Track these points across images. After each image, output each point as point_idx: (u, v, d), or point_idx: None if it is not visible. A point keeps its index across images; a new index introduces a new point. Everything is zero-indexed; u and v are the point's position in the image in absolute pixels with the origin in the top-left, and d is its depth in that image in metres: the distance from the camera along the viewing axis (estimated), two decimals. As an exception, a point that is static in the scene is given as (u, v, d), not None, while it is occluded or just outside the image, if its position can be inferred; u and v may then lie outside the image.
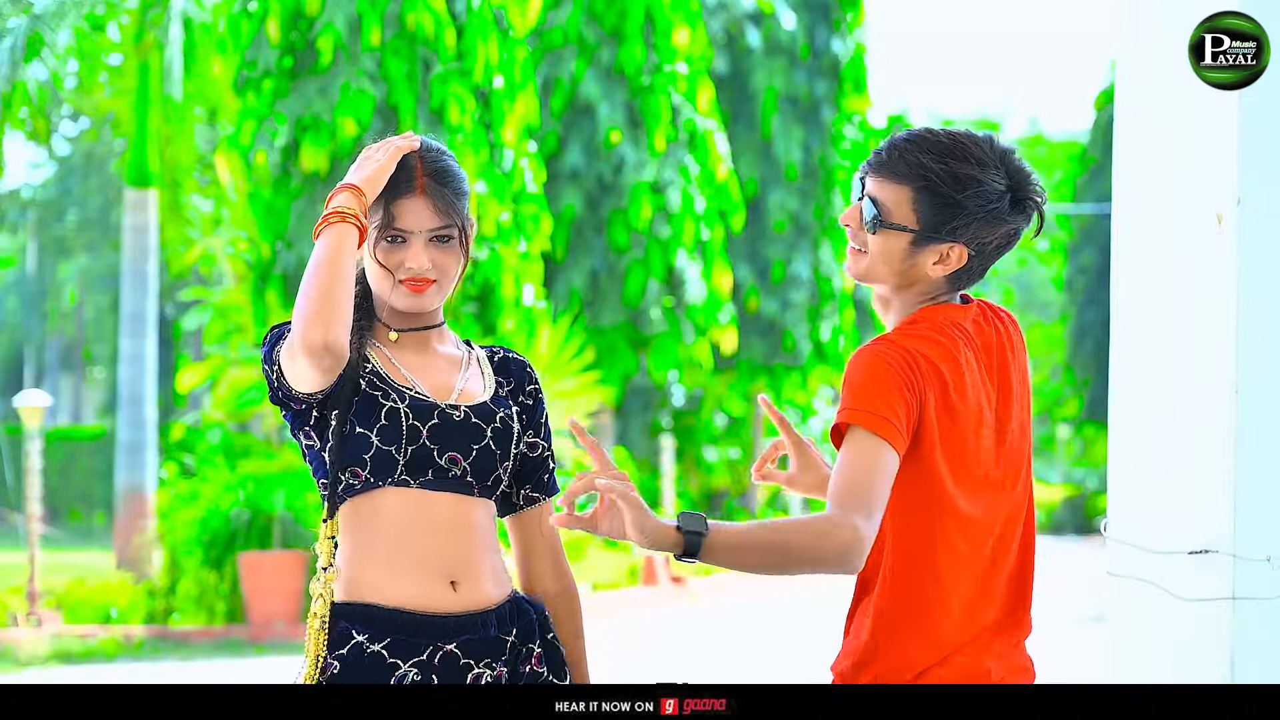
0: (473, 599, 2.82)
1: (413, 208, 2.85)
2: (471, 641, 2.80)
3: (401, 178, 2.85)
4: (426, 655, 2.78)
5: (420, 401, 2.84)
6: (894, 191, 2.76)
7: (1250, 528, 3.41)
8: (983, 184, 2.74)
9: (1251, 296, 3.44)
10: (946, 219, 2.74)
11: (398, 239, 2.85)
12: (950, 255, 2.77)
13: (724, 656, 13.42)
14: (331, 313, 2.70)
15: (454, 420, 2.84)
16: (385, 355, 2.89)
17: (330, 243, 2.76)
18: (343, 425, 2.81)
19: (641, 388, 25.23)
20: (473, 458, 2.84)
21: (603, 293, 21.24)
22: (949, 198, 2.74)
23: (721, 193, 21.92)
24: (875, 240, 2.78)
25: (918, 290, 2.82)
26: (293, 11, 16.10)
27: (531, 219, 17.18)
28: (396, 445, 2.80)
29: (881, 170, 2.78)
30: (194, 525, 15.10)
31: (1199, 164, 3.53)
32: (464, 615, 2.81)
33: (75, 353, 38.32)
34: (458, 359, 2.95)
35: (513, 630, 2.84)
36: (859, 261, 2.83)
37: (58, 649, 13.68)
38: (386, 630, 2.78)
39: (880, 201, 2.77)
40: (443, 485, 2.82)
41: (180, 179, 22.71)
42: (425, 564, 2.80)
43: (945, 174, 2.74)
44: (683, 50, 21.36)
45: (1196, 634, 3.42)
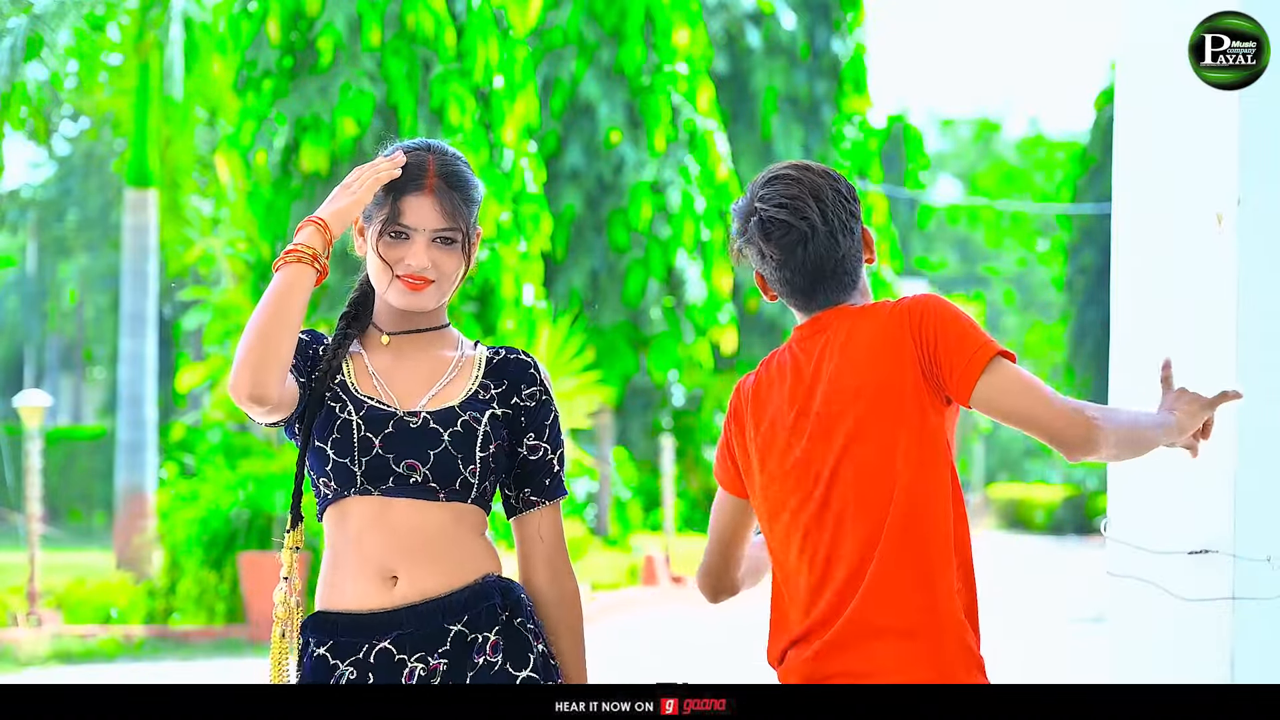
0: (411, 592, 2.81)
1: (419, 206, 2.85)
2: (404, 636, 2.80)
3: (412, 174, 2.85)
4: (362, 653, 2.80)
5: (377, 410, 2.84)
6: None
7: (1250, 528, 3.41)
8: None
9: (1251, 296, 3.44)
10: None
11: (401, 235, 2.85)
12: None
13: (724, 656, 13.41)
14: (262, 363, 2.69)
15: (410, 428, 2.83)
16: (363, 362, 2.90)
17: (282, 282, 2.75)
18: (307, 438, 2.85)
19: (641, 388, 25.22)
20: (431, 464, 2.83)
21: (603, 293, 21.23)
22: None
23: (721, 193, 21.92)
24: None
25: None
26: (293, 11, 16.10)
27: (531, 219, 17.18)
28: (350, 457, 2.81)
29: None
30: (194, 525, 15.10)
31: (1199, 164, 3.53)
32: (400, 610, 2.81)
33: (75, 353, 38.31)
34: (448, 362, 2.93)
35: (461, 618, 2.81)
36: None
37: (58, 649, 13.67)
38: (330, 634, 2.82)
39: None
40: (404, 492, 2.83)
41: (180, 179, 22.70)
42: (367, 564, 2.82)
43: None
44: (683, 50, 21.36)
45: (1196, 634, 3.42)
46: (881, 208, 27.33)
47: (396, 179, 2.85)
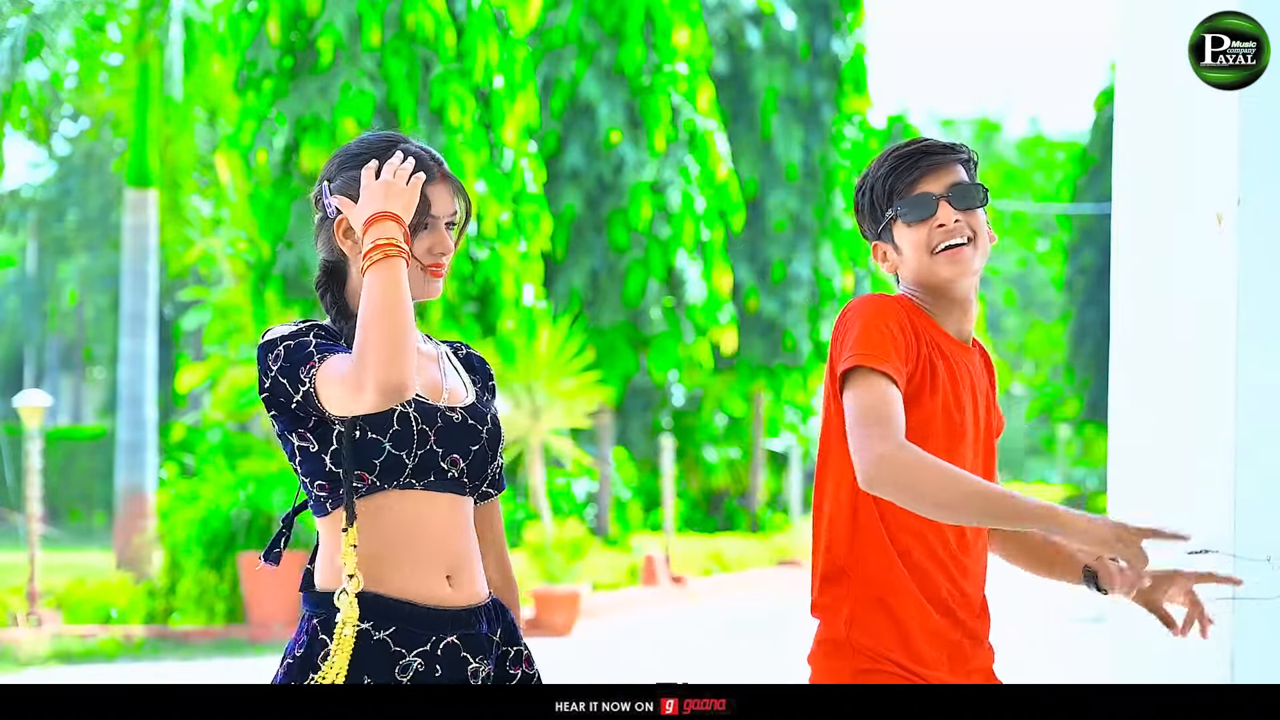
0: (467, 595, 2.86)
1: (439, 193, 2.89)
2: (468, 636, 2.84)
3: (425, 164, 2.88)
4: (430, 645, 2.80)
5: (424, 405, 2.86)
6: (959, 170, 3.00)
7: (1250, 528, 3.41)
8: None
9: (1251, 296, 3.44)
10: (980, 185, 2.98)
11: (425, 225, 2.88)
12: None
13: (724, 656, 13.42)
14: (405, 354, 2.70)
15: (454, 422, 2.87)
16: None
17: (388, 279, 2.74)
18: (353, 430, 2.81)
19: (641, 388, 25.22)
20: (470, 459, 2.88)
21: (603, 293, 21.23)
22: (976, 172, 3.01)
23: (721, 193, 21.92)
24: (977, 218, 2.98)
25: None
26: (293, 11, 16.10)
27: (531, 219, 17.18)
28: (408, 450, 2.82)
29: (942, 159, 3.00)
30: (194, 525, 15.10)
31: (1199, 164, 3.53)
32: (460, 610, 2.84)
33: (75, 353, 38.31)
34: (434, 356, 2.97)
35: (498, 630, 2.90)
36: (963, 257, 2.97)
37: (58, 649, 13.67)
38: (390, 619, 2.79)
39: (961, 181, 2.99)
40: (442, 486, 2.85)
41: (180, 179, 22.71)
42: (426, 559, 2.83)
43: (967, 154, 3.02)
44: (683, 50, 21.35)
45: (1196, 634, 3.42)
46: (881, 208, 27.31)
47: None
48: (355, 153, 2.91)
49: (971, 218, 2.94)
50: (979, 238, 2.94)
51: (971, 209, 2.93)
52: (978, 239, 2.94)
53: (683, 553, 21.15)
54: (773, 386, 25.91)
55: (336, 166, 2.91)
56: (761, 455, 27.21)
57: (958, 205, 2.93)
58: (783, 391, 26.27)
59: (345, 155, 2.92)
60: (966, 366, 2.98)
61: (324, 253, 2.93)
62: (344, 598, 2.81)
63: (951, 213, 2.93)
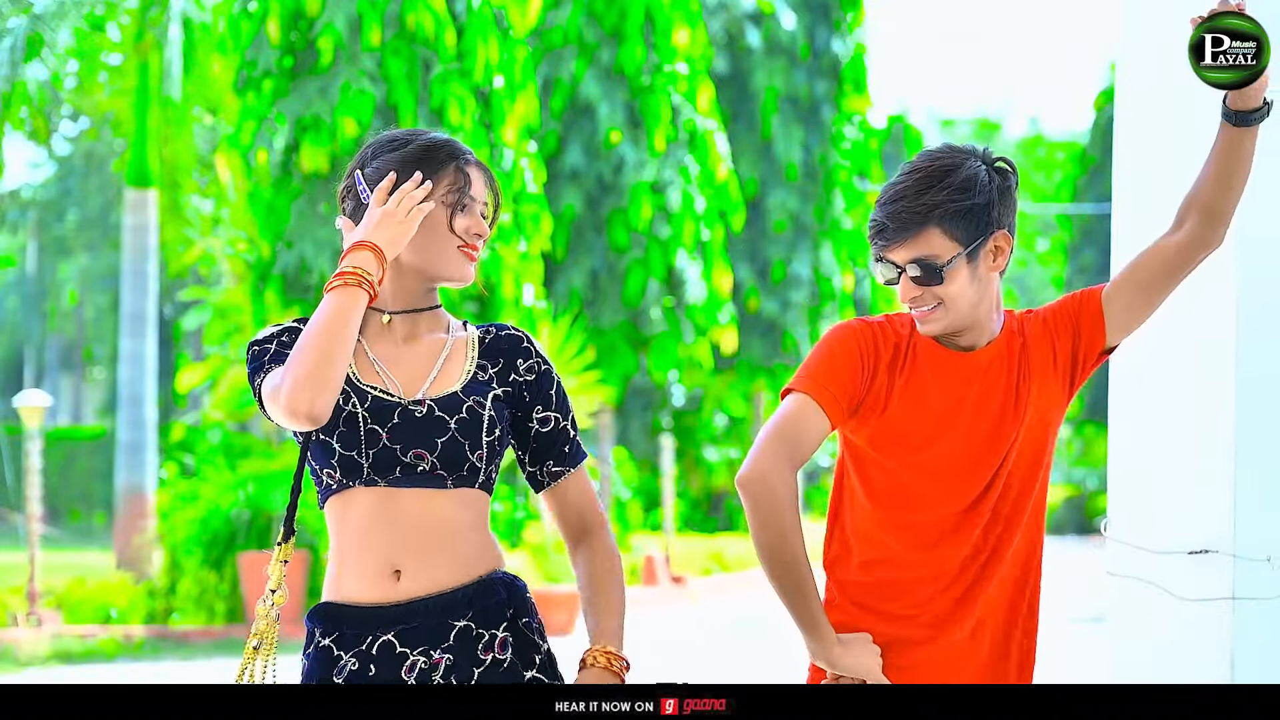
0: (417, 587, 2.81)
1: (476, 177, 2.91)
2: (408, 630, 2.80)
3: (459, 149, 2.90)
4: (365, 645, 2.80)
5: (382, 402, 2.83)
6: (926, 238, 2.94)
7: (1250, 528, 3.41)
8: (974, 174, 2.95)
9: (1251, 297, 3.44)
10: (977, 221, 2.94)
11: (464, 206, 2.89)
12: (999, 244, 2.99)
13: (724, 656, 13.42)
14: (324, 383, 2.72)
15: (415, 417, 2.83)
16: (363, 348, 2.88)
17: (339, 305, 2.75)
18: (311, 433, 2.84)
19: (641, 388, 25.22)
20: (439, 451, 2.83)
21: (603, 293, 21.23)
22: (964, 206, 2.93)
23: (721, 193, 21.92)
24: (944, 289, 2.96)
25: (986, 296, 3.01)
26: (293, 11, 16.10)
27: (531, 219, 17.18)
28: (357, 450, 2.81)
29: (899, 234, 2.95)
30: (194, 525, 15.11)
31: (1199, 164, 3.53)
32: (405, 604, 2.81)
33: (75, 353, 38.31)
34: (441, 344, 2.92)
35: (466, 614, 2.82)
36: (933, 318, 2.98)
37: (58, 649, 13.67)
38: (335, 625, 2.82)
39: (922, 257, 2.94)
40: (411, 481, 2.82)
41: (180, 179, 22.70)
42: (376, 557, 2.81)
43: (952, 193, 2.94)
44: (683, 50, 21.35)
45: (1196, 634, 3.42)
46: (881, 208, 27.33)
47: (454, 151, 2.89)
48: (389, 140, 2.92)
49: (940, 289, 2.96)
50: (949, 302, 2.96)
51: (935, 285, 2.95)
52: (946, 302, 2.96)
53: (683, 553, 21.15)
54: (773, 386, 25.91)
55: (372, 152, 2.92)
56: (761, 455, 27.20)
57: (919, 281, 2.96)
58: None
59: (379, 144, 2.93)
60: (965, 377, 3.02)
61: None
62: (261, 606, 2.87)
63: (911, 288, 2.97)
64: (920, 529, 2.99)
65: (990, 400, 3.01)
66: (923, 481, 2.99)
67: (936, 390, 3.00)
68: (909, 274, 2.95)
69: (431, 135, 2.92)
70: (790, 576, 2.97)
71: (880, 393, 2.99)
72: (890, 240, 2.95)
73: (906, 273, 2.96)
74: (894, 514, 3.01)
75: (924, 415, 3.00)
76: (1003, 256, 2.99)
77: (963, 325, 3.00)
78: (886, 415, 2.99)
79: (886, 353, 3.00)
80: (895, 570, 3.01)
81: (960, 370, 3.02)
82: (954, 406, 3.00)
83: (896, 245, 2.95)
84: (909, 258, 2.95)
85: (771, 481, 2.93)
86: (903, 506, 3.01)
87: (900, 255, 2.96)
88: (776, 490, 2.93)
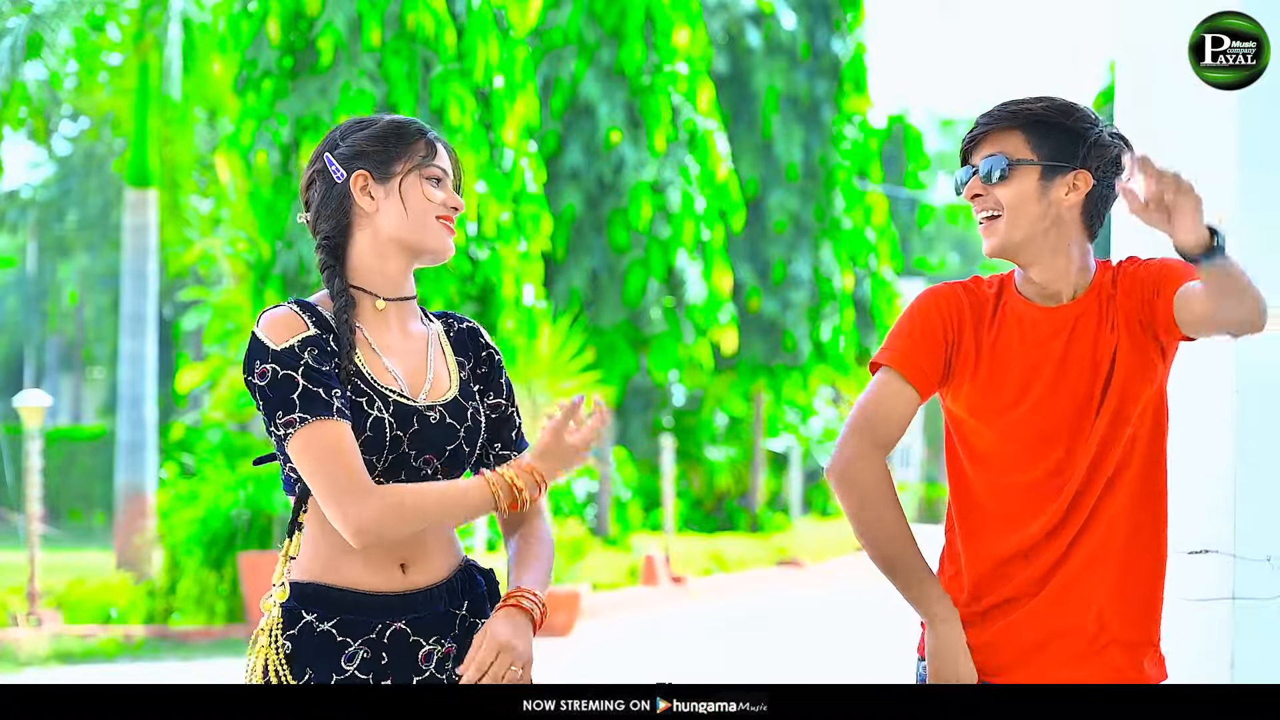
0: (421, 577, 2.84)
1: (444, 152, 2.94)
2: (419, 619, 2.82)
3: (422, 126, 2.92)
4: (375, 633, 2.80)
5: (402, 407, 2.84)
6: (1007, 138, 2.92)
7: (1250, 528, 3.41)
8: (1081, 109, 2.92)
9: (1251, 296, 3.43)
10: (1063, 145, 2.90)
11: (435, 178, 2.91)
12: (1077, 182, 2.91)
13: (724, 656, 13.42)
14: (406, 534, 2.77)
15: (431, 424, 2.85)
16: (366, 340, 2.87)
17: (475, 506, 2.80)
18: None
19: (642, 388, 25.22)
20: (445, 458, 2.86)
21: (603, 293, 21.23)
22: (1059, 125, 2.91)
23: (721, 193, 21.91)
24: (1006, 191, 2.92)
25: (1061, 235, 2.93)
26: (293, 11, 16.10)
27: (531, 219, 17.17)
28: (378, 455, 2.81)
29: (989, 129, 2.93)
30: (194, 525, 15.11)
31: (1199, 164, 3.53)
32: (412, 593, 2.83)
33: (75, 353, 38.30)
34: (424, 336, 2.94)
35: (463, 604, 2.88)
36: (994, 229, 2.94)
37: (58, 649, 13.67)
38: (335, 610, 2.80)
39: (999, 152, 2.91)
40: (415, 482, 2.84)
41: (180, 179, 22.71)
42: (381, 552, 2.82)
43: (1048, 107, 2.92)
44: (683, 50, 21.35)
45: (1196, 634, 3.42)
46: (881, 208, 27.32)
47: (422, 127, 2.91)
48: (356, 122, 2.93)
49: (1002, 190, 2.92)
50: (1008, 211, 2.92)
51: (998, 183, 2.92)
52: (1006, 211, 2.92)
53: (683, 553, 21.15)
54: (773, 386, 25.91)
55: (341, 134, 2.92)
56: (761, 455, 27.21)
57: (985, 179, 2.93)
58: (783, 391, 26.28)
59: (348, 126, 2.93)
60: (1051, 332, 2.95)
61: (327, 225, 2.90)
62: (267, 603, 2.84)
63: (976, 184, 2.94)
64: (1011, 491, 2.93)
65: (1076, 357, 2.93)
66: (1013, 445, 2.93)
67: (1022, 348, 2.94)
68: (979, 170, 2.93)
69: (397, 115, 2.94)
70: (893, 561, 2.91)
71: (969, 355, 2.95)
72: (977, 135, 2.93)
73: (978, 170, 2.93)
74: (991, 476, 2.95)
75: (1011, 374, 2.94)
76: (1077, 194, 2.91)
77: (1025, 250, 2.93)
78: (978, 376, 2.95)
79: (972, 314, 2.97)
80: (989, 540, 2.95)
81: (1046, 325, 2.95)
82: (1038, 363, 2.94)
83: (981, 142, 2.93)
84: (985, 154, 2.93)
85: (853, 471, 2.91)
86: (999, 468, 2.94)
87: (979, 154, 2.94)
88: (859, 479, 2.91)
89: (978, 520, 2.97)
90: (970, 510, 2.98)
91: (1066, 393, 2.92)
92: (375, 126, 2.91)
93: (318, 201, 2.91)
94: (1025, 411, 2.93)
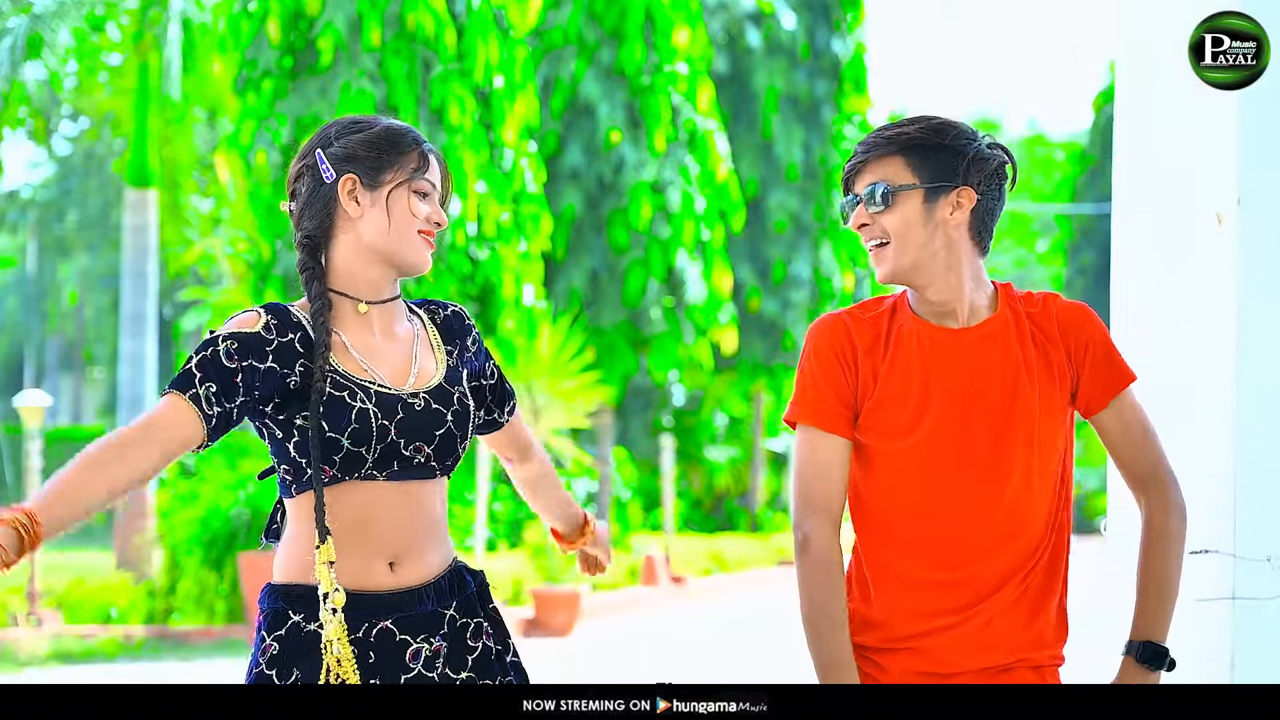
0: (410, 576, 2.84)
1: (435, 165, 2.93)
2: (407, 618, 2.82)
3: (417, 136, 2.91)
4: (362, 632, 2.79)
5: (385, 396, 2.83)
6: (887, 164, 2.91)
7: (1250, 528, 3.41)
8: (957, 125, 2.93)
9: (1251, 296, 3.44)
10: (943, 164, 2.89)
11: (423, 192, 2.90)
12: (961, 200, 2.90)
13: (724, 656, 13.42)
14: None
15: (416, 410, 2.84)
16: (342, 343, 2.86)
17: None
18: (304, 428, 2.81)
19: (642, 388, 25.21)
20: (436, 444, 2.85)
21: (603, 293, 21.23)
22: (937, 145, 2.90)
23: (721, 193, 21.91)
24: (892, 218, 2.91)
25: (951, 254, 2.92)
26: (293, 11, 16.10)
27: (531, 219, 17.18)
28: (366, 446, 2.80)
29: (868, 157, 2.93)
30: (194, 525, 15.10)
31: (1199, 164, 3.53)
32: (400, 592, 2.82)
33: (75, 353, 38.31)
34: (411, 333, 2.94)
35: (452, 604, 2.87)
36: (884, 256, 2.93)
37: (58, 649, 13.67)
38: (318, 610, 2.78)
39: (880, 179, 2.91)
40: (406, 475, 2.84)
41: (180, 179, 22.71)
42: (370, 549, 2.81)
43: (924, 129, 2.92)
44: (683, 50, 21.35)
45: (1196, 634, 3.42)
46: (881, 208, 27.34)
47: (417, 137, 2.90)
48: (352, 122, 2.92)
49: (888, 217, 2.91)
50: (896, 238, 2.90)
51: (883, 210, 2.91)
52: (894, 237, 2.90)
53: (683, 553, 21.15)
54: (773, 386, 25.91)
55: (335, 133, 2.90)
56: (761, 455, 27.21)
57: (869, 206, 2.92)
58: (783, 391, 26.27)
59: (342, 126, 2.92)
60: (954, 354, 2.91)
61: (310, 224, 2.89)
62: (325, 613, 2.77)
63: (862, 214, 2.93)
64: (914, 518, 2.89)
65: (986, 380, 2.90)
66: (913, 469, 2.88)
67: (922, 369, 2.90)
68: (863, 198, 2.92)
69: (393, 120, 2.93)
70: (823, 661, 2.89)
71: (867, 381, 2.91)
72: (857, 164, 2.93)
73: (862, 199, 2.92)
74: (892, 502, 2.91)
75: (909, 396, 2.89)
76: (962, 211, 2.90)
77: (918, 274, 2.91)
78: (874, 400, 2.90)
79: (862, 340, 2.93)
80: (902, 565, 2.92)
81: (950, 346, 2.91)
82: (940, 385, 2.90)
83: (861, 171, 2.93)
84: (867, 183, 2.92)
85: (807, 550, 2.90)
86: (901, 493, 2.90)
87: (861, 183, 2.93)
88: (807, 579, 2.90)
89: (880, 548, 2.93)
90: (874, 538, 2.94)
91: (976, 415, 2.89)
92: (371, 131, 2.89)
93: (304, 197, 2.91)
94: (925, 435, 2.89)
